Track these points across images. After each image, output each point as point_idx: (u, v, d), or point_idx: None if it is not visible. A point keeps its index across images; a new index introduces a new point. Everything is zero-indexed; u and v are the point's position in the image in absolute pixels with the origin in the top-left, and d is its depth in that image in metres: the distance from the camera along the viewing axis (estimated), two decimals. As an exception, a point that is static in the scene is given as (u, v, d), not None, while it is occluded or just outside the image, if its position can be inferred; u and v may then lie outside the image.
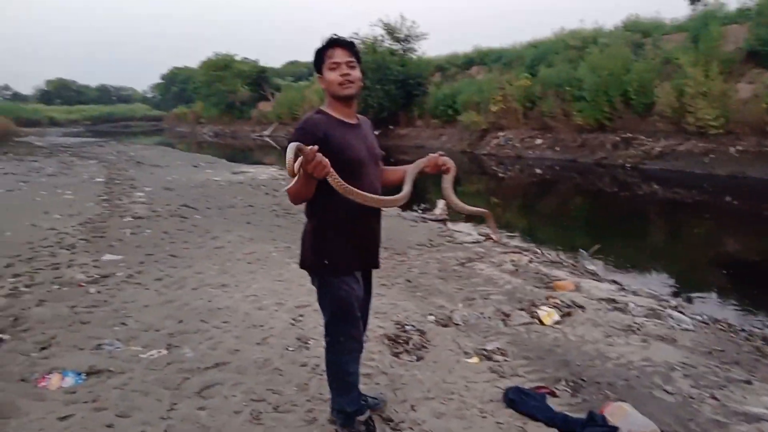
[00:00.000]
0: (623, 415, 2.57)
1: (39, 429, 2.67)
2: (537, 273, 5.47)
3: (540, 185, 14.13)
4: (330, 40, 2.33)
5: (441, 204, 9.17)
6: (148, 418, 2.79)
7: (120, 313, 4.26)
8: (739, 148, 12.47)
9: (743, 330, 4.21)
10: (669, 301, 4.81)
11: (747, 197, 10.89)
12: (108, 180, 12.73)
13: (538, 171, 15.71)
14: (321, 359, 3.29)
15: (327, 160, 2.04)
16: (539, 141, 18.00)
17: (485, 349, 3.64)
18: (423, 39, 27.32)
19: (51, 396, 3.01)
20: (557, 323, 4.11)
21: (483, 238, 7.16)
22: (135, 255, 5.98)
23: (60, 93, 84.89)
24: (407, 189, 2.42)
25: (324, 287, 2.42)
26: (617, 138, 15.31)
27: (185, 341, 3.75)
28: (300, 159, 2.01)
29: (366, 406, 2.59)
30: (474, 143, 20.28)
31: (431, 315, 4.30)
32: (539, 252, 6.57)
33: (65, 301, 4.49)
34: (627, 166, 14.27)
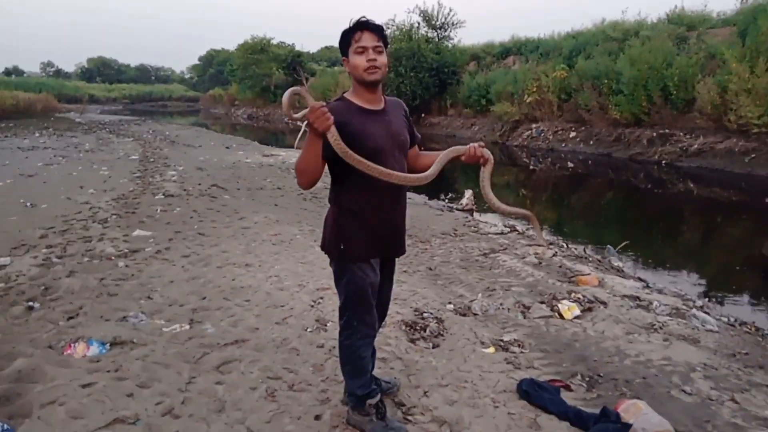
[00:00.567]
0: (638, 413, 2.53)
1: (63, 395, 2.76)
2: (561, 267, 5.40)
3: (571, 179, 13.91)
4: (358, 22, 2.26)
5: (468, 194, 9.11)
6: (167, 389, 2.86)
7: (146, 287, 4.38)
8: (783, 148, 12.05)
9: (772, 334, 4.10)
10: (695, 301, 4.71)
11: (788, 199, 10.53)
12: (142, 158, 13.01)
13: (570, 164, 15.45)
14: (337, 342, 3.33)
15: (330, 115, 2.04)
16: (573, 134, 17.69)
17: (502, 340, 3.63)
18: (460, 27, 27.07)
19: (76, 364, 3.11)
20: (577, 318, 4.06)
21: (508, 229, 7.09)
22: (164, 232, 6.11)
23: (101, 71, 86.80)
24: (431, 170, 2.34)
25: (340, 271, 2.42)
26: (654, 133, 14.93)
27: (207, 317, 3.83)
28: (305, 111, 1.99)
29: (377, 390, 2.60)
30: (506, 134, 20.04)
31: (450, 304, 4.30)
32: (565, 246, 6.48)
33: (94, 273, 4.63)
34: (663, 162, 13.92)
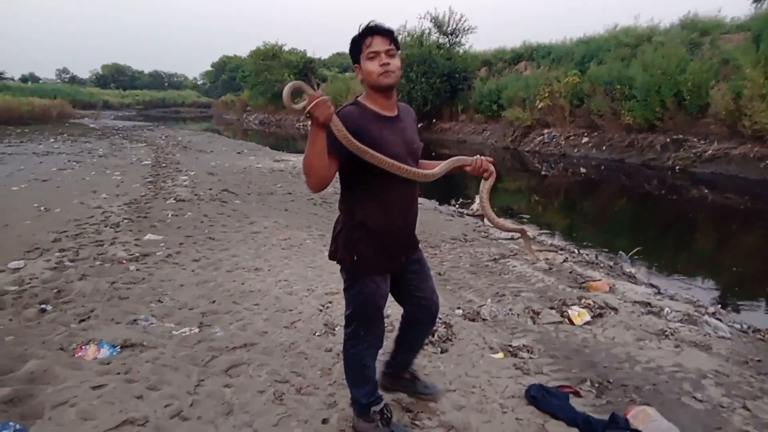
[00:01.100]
0: (647, 419, 2.51)
1: (73, 396, 2.79)
2: (571, 272, 5.37)
3: (584, 185, 13.82)
4: (367, 27, 2.22)
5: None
6: (175, 392, 2.88)
7: (157, 291, 4.41)
8: (798, 154, 11.90)
9: (785, 342, 4.03)
10: (707, 308, 4.64)
11: (804, 206, 10.39)
12: (155, 163, 13.12)
13: (582, 170, 15.36)
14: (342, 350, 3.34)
15: (331, 105, 2.00)
16: (585, 140, 17.59)
17: (511, 346, 3.61)
18: (471, 33, 27.06)
19: (86, 366, 3.14)
20: (588, 324, 4.03)
21: (519, 235, 7.05)
22: (175, 236, 6.16)
23: (115, 77, 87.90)
24: (437, 169, 2.34)
25: (350, 281, 2.40)
26: (667, 139, 14.80)
27: (216, 321, 3.86)
28: (306, 101, 1.97)
29: (382, 397, 2.59)
30: (517, 140, 19.97)
31: (459, 309, 4.28)
32: (576, 251, 6.44)
33: (106, 277, 4.68)
34: (676, 168, 13.79)
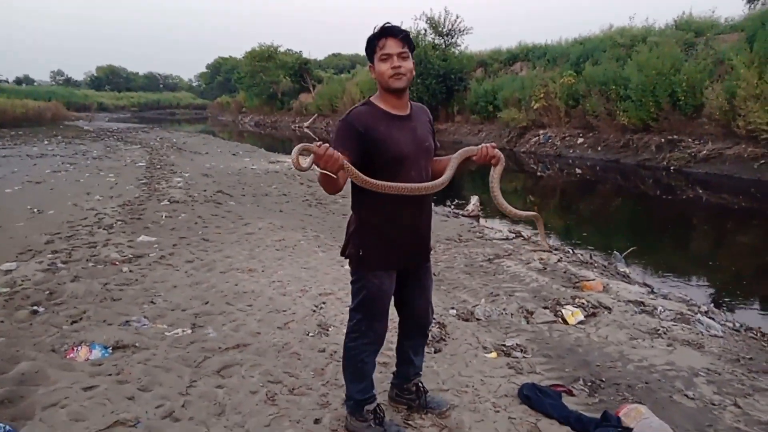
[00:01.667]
0: (638, 417, 2.51)
1: (64, 397, 2.78)
2: (565, 272, 5.37)
3: (579, 185, 13.86)
4: (382, 29, 2.24)
5: (474, 200, 9.10)
6: (167, 393, 2.87)
7: (149, 292, 4.40)
8: (792, 154, 11.95)
9: (777, 340, 4.05)
10: (700, 307, 4.66)
11: (798, 206, 10.42)
12: (149, 165, 13.10)
13: (578, 171, 15.41)
14: (339, 346, 3.32)
15: (338, 154, 2.04)
16: (581, 140, 17.63)
17: (505, 345, 3.61)
18: (466, 34, 27.09)
19: (78, 367, 3.13)
20: (581, 323, 4.03)
21: (513, 235, 7.08)
22: (169, 237, 6.14)
23: (109, 79, 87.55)
24: (445, 176, 2.34)
25: (356, 275, 2.44)
26: (662, 139, 14.86)
27: (209, 322, 3.85)
28: (312, 156, 2.04)
29: (376, 396, 2.59)
30: (513, 141, 20.02)
31: (453, 309, 4.29)
32: (570, 251, 6.45)
33: (99, 278, 4.66)
34: (671, 168, 13.84)
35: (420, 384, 2.78)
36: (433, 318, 2.71)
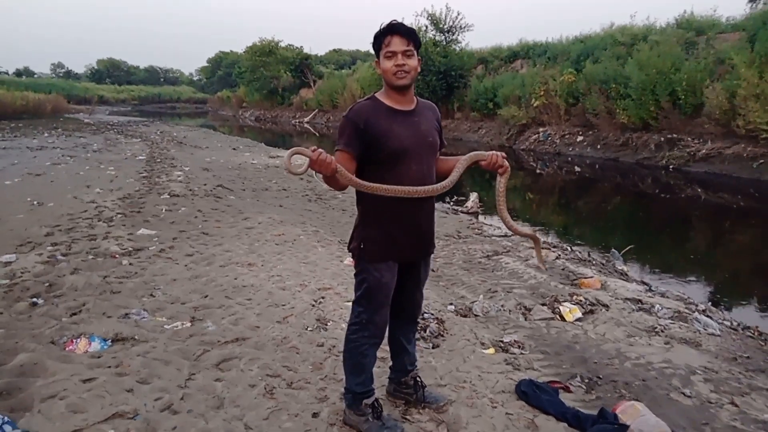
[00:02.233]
0: (635, 415, 2.52)
1: (63, 389, 2.78)
2: (564, 269, 5.39)
3: (578, 183, 13.87)
4: (388, 26, 2.27)
5: (473, 196, 9.11)
6: (166, 385, 2.88)
7: (149, 285, 4.40)
8: (792, 154, 11.95)
9: (774, 339, 4.07)
10: (697, 305, 4.68)
11: (797, 205, 10.44)
12: (149, 158, 13.09)
13: (577, 169, 15.41)
14: (338, 340, 3.35)
15: (331, 158, 2.12)
16: (580, 138, 17.64)
17: (502, 341, 3.63)
18: (467, 30, 27.03)
19: (77, 359, 3.13)
20: (579, 320, 4.05)
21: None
22: (168, 231, 6.15)
23: (110, 72, 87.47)
24: (448, 180, 2.35)
25: (358, 267, 2.47)
26: (662, 138, 14.86)
27: (208, 315, 3.85)
28: (307, 161, 2.12)
29: (374, 390, 2.60)
30: (513, 138, 20.00)
31: (451, 305, 4.30)
32: (568, 249, 6.46)
33: (98, 271, 4.67)
34: (670, 167, 13.85)
35: (418, 378, 2.79)
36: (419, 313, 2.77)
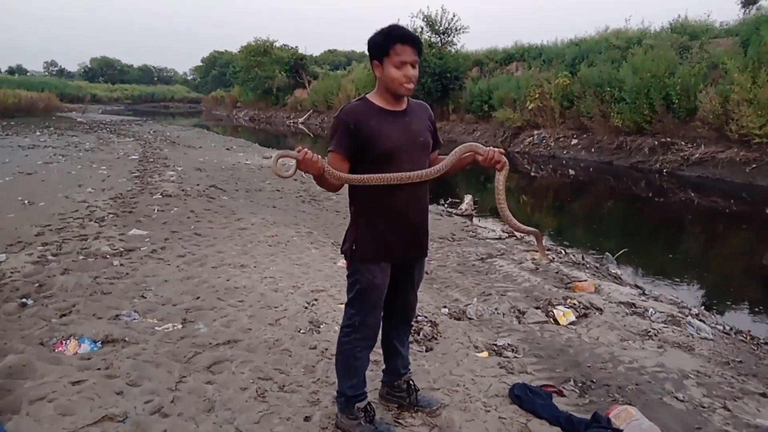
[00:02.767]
0: (628, 419, 2.51)
1: (52, 391, 2.75)
2: (558, 273, 5.38)
3: (572, 186, 13.89)
4: (404, 35, 2.23)
5: (468, 199, 9.10)
6: (156, 388, 2.85)
7: (140, 286, 4.37)
8: (784, 158, 12.01)
9: (767, 343, 4.07)
10: (690, 309, 4.68)
11: (788, 210, 10.49)
12: (142, 158, 13.02)
13: (571, 172, 15.44)
14: (330, 343, 3.32)
15: (318, 157, 2.15)
16: (575, 141, 17.68)
17: (496, 345, 3.61)
18: (463, 32, 27.07)
19: (67, 361, 3.10)
20: (572, 324, 4.04)
21: (506, 235, 7.08)
22: (160, 231, 6.10)
23: (103, 71, 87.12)
24: (440, 164, 2.34)
25: (350, 269, 2.46)
26: (656, 142, 14.91)
27: (200, 317, 3.82)
28: (294, 162, 2.17)
29: (367, 394, 2.58)
30: (507, 141, 20.02)
31: (445, 307, 4.28)
32: (562, 252, 6.47)
33: (89, 272, 4.63)
34: (664, 171, 13.90)
35: (411, 381, 2.77)
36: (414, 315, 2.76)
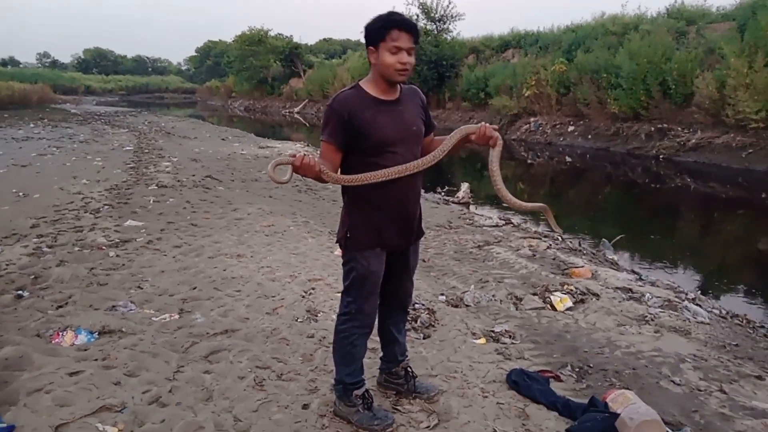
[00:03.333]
0: (625, 403, 2.52)
1: (49, 382, 2.75)
2: (554, 259, 5.39)
3: (569, 173, 13.90)
4: (400, 20, 2.21)
5: (464, 187, 9.09)
6: (154, 378, 2.85)
7: (137, 277, 4.36)
8: (780, 143, 12.01)
9: (762, 326, 4.09)
10: (687, 294, 4.70)
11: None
12: (137, 149, 12.96)
13: (568, 159, 15.44)
14: (328, 332, 3.32)
15: (314, 160, 2.16)
16: (571, 128, 17.64)
17: (493, 331, 3.62)
18: (459, 20, 26.91)
19: (63, 352, 3.10)
20: (569, 309, 4.05)
21: (503, 222, 7.08)
22: (156, 222, 6.08)
23: (97, 62, 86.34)
24: (435, 152, 2.33)
25: (345, 257, 2.46)
26: (652, 128, 14.89)
27: (197, 307, 3.82)
28: (290, 168, 2.19)
29: (365, 381, 2.58)
30: (504, 128, 19.95)
31: (443, 295, 4.29)
32: (559, 238, 6.47)
33: (85, 263, 4.61)
34: (660, 157, 13.89)
35: (409, 368, 2.78)
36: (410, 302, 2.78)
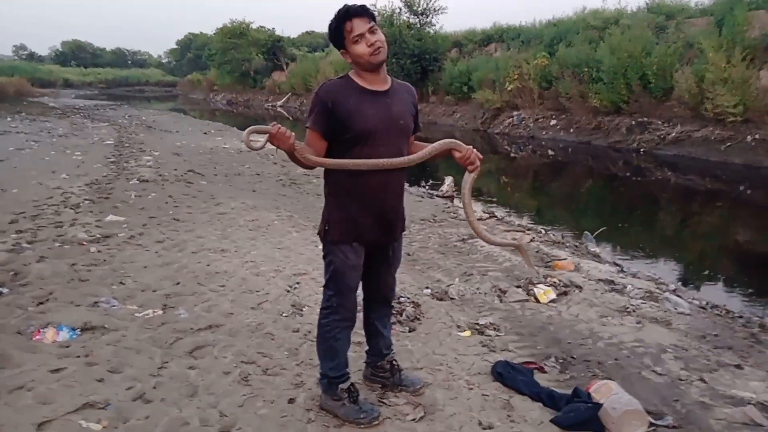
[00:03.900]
0: (608, 393, 2.56)
1: (31, 380, 2.71)
2: (538, 252, 5.43)
3: (551, 167, 14.00)
4: (344, 12, 2.21)
5: (448, 180, 9.11)
6: (138, 374, 2.83)
7: (119, 273, 4.31)
8: (757, 136, 12.17)
9: (741, 317, 4.16)
10: (668, 285, 4.77)
11: (762, 187, 10.66)
12: (117, 143, 12.78)
13: (550, 152, 15.54)
14: (313, 326, 3.30)
15: (290, 132, 2.15)
16: (554, 122, 17.75)
17: (478, 324, 3.65)
18: (442, 13, 26.87)
19: (45, 349, 3.06)
20: (553, 302, 4.09)
21: (487, 215, 7.12)
22: (138, 217, 6.02)
23: (75, 55, 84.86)
24: (417, 155, 2.34)
25: (324, 250, 2.47)
26: (633, 122, 15.04)
27: (181, 302, 3.79)
28: (266, 136, 2.20)
29: (349, 374, 2.58)
30: (487, 122, 20.03)
31: (427, 288, 4.31)
32: (543, 231, 6.52)
33: (65, 259, 4.54)
34: (641, 150, 14.04)
35: (394, 362, 2.79)
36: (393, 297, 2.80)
